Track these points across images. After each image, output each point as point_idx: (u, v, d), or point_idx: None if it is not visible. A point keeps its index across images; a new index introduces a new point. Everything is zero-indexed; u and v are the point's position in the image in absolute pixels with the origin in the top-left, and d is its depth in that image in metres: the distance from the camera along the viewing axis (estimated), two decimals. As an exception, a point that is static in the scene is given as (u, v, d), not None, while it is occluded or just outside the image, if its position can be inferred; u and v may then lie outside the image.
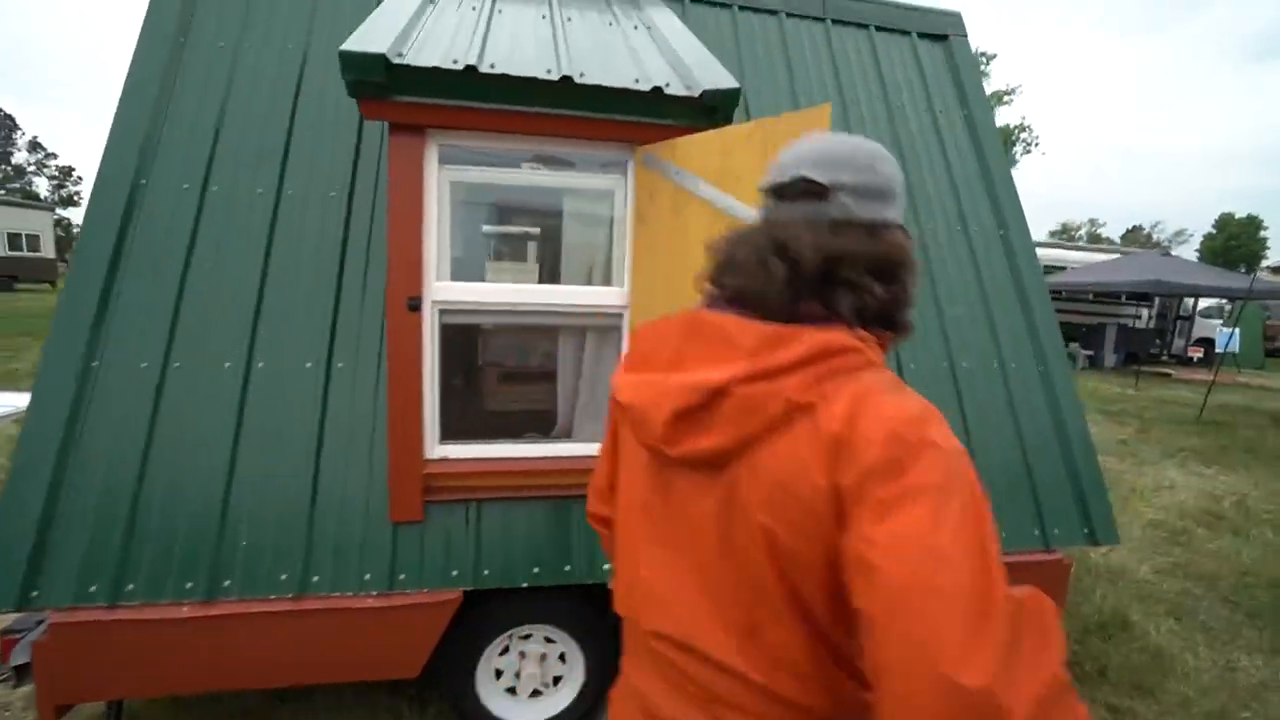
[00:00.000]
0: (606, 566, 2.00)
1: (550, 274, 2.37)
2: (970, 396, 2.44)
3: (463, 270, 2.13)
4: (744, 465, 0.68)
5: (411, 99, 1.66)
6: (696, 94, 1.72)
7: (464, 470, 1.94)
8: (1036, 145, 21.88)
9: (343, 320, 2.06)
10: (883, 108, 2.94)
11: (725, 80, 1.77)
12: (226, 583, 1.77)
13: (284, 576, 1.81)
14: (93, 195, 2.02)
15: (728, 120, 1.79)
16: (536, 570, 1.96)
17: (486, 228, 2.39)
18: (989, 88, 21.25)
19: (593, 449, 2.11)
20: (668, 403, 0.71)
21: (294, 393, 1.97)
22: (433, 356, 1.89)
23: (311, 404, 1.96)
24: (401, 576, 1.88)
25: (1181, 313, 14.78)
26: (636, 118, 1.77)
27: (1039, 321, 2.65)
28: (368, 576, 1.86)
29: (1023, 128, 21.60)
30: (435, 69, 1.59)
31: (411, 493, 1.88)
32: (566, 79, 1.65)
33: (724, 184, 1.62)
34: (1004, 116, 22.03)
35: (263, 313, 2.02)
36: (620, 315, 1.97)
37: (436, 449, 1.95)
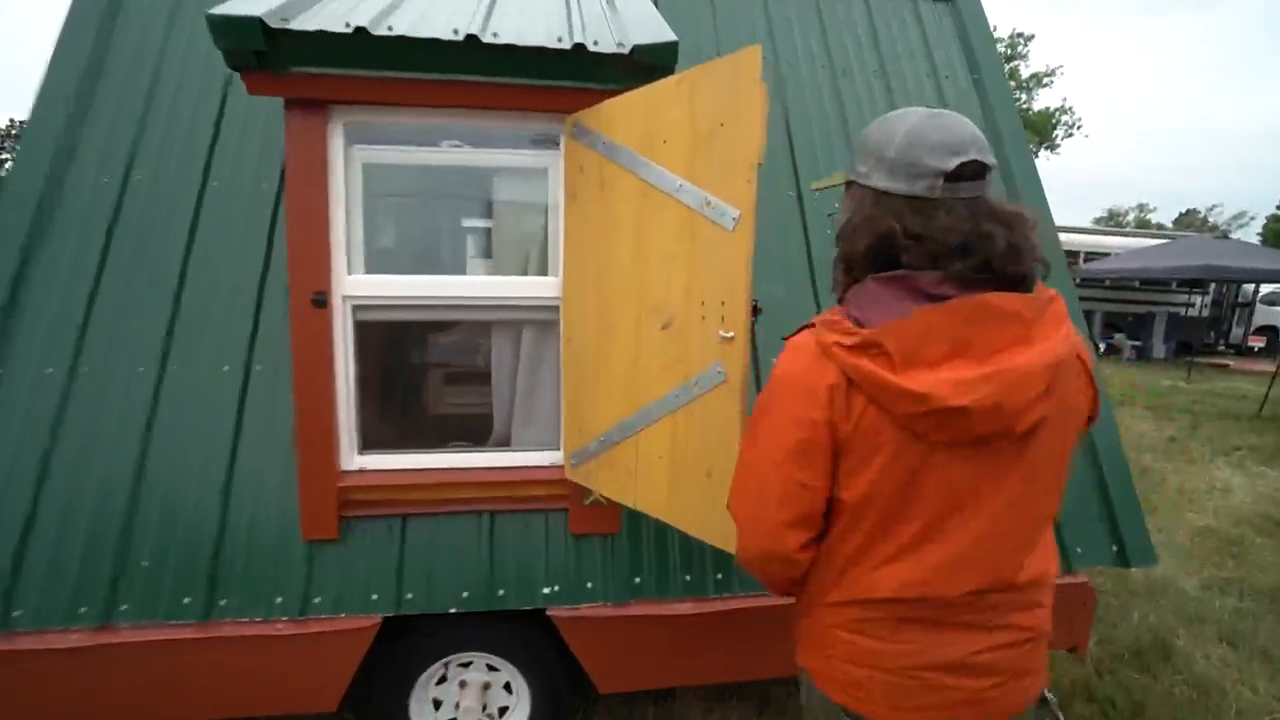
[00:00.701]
0: (546, 590, 1.79)
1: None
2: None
3: (418, 262, 1.96)
4: (1051, 413, 0.84)
5: (301, 70, 1.48)
6: (627, 50, 1.49)
7: (385, 483, 1.76)
8: (1079, 128, 20.69)
9: (265, 320, 1.90)
10: (879, 77, 2.65)
11: (661, 33, 1.54)
12: (124, 606, 1.63)
13: (187, 600, 1.65)
14: (4, 192, 1.91)
15: (666, 80, 1.56)
16: (466, 595, 1.76)
17: (467, 221, 2.20)
18: (1026, 71, 20.23)
19: (531, 458, 1.92)
20: (1032, 387, 0.80)
21: (209, 399, 1.82)
22: (346, 358, 1.71)
23: (227, 411, 1.81)
24: (316, 600, 1.70)
25: (1240, 299, 13.76)
26: (561, 82, 1.56)
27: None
28: (279, 600, 1.69)
29: (1064, 110, 20.48)
30: (322, 33, 1.40)
31: (325, 508, 1.71)
32: (472, 38, 1.45)
33: (650, 150, 1.39)
34: (1044, 99, 21.01)
35: (180, 313, 1.88)
36: (557, 308, 1.76)
37: (354, 459, 1.77)
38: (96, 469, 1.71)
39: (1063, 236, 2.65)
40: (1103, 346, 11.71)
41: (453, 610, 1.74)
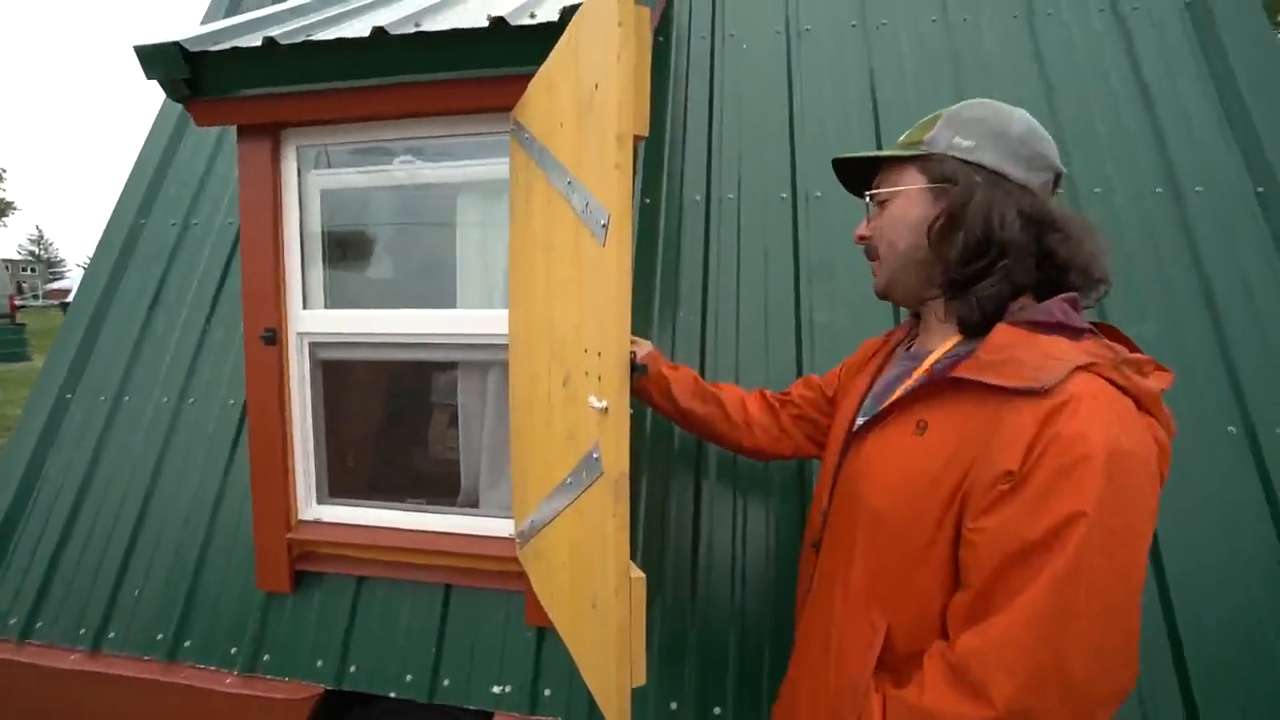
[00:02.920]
0: (496, 690, 1.47)
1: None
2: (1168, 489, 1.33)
3: (403, 297, 1.81)
4: None
5: (235, 94, 1.39)
6: (555, 17, 1.14)
7: (341, 539, 1.59)
8: None
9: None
10: (1019, 16, 1.91)
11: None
12: (112, 634, 1.67)
13: (159, 636, 1.65)
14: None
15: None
16: (409, 678, 1.51)
17: (435, 250, 2.03)
18: None
19: (493, 526, 1.61)
20: None
21: (209, 431, 1.83)
22: (304, 399, 1.59)
23: (223, 445, 1.81)
24: (266, 657, 1.59)
25: None
26: (485, 70, 1.26)
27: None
28: (234, 650, 1.61)
29: None
30: (235, 50, 1.29)
31: (277, 558, 1.59)
32: (379, 31, 1.22)
33: (550, 137, 1.02)
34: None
35: (203, 349, 1.95)
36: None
37: (312, 508, 1.63)
38: (116, 492, 1.81)
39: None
40: None
41: (391, 694, 1.50)
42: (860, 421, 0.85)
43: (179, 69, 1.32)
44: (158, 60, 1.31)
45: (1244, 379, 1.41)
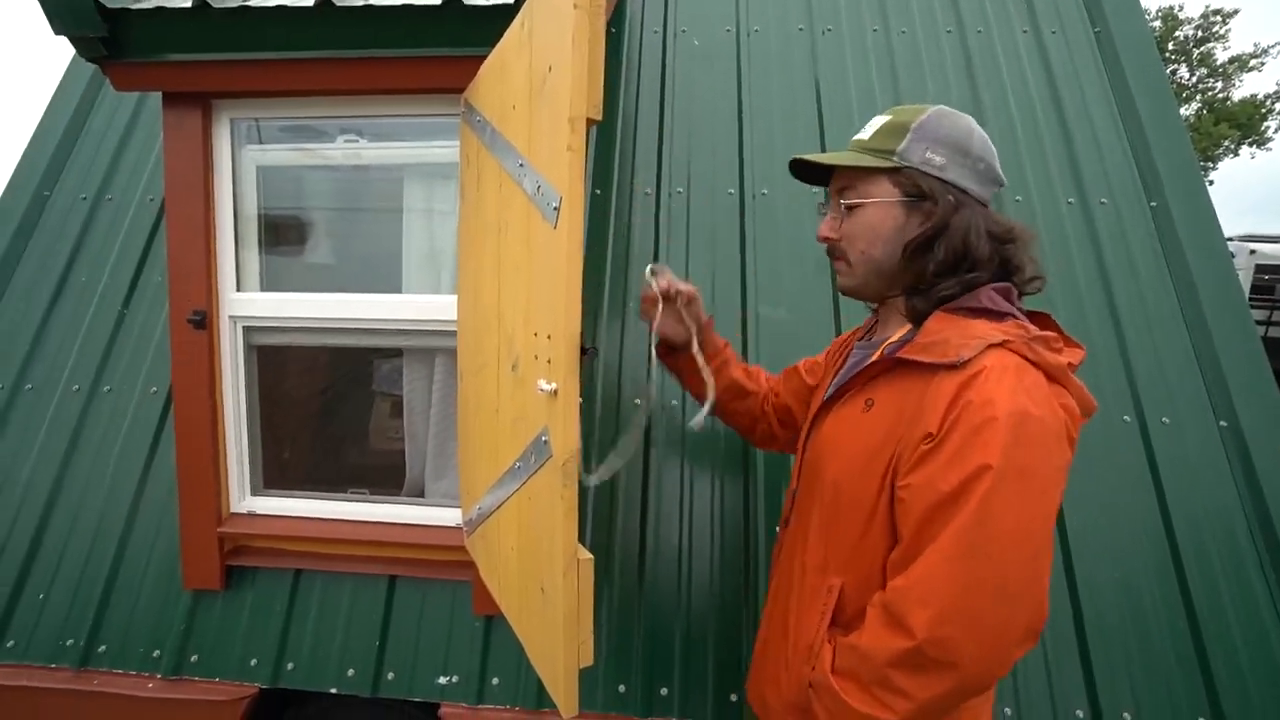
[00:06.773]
0: (443, 680, 1.45)
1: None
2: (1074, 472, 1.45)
3: (344, 281, 1.75)
4: None
5: (160, 57, 1.30)
6: None
7: (276, 531, 1.53)
8: (1299, 117, 16.34)
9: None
10: (953, 31, 2.02)
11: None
12: (11, 643, 1.54)
13: (69, 642, 1.53)
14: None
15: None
16: (351, 673, 1.47)
17: (382, 233, 1.96)
18: (1224, 54, 16.44)
19: (438, 515, 1.59)
20: None
21: (127, 421, 1.71)
22: (237, 386, 1.51)
23: (143, 436, 1.70)
24: (193, 658, 1.51)
25: None
26: (438, 49, 1.23)
27: (1223, 345, 1.56)
28: (157, 654, 1.51)
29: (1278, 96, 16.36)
30: (160, 10, 1.21)
31: (206, 554, 1.51)
32: (326, 4, 1.18)
33: (503, 121, 1.01)
34: (1252, 85, 17.01)
35: (121, 331, 1.82)
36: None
37: (245, 501, 1.56)
38: (14, 488, 1.67)
39: (1266, 248, 1.82)
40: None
41: (332, 690, 1.46)
42: (822, 402, 0.91)
43: (94, 25, 1.22)
44: (67, 14, 1.21)
45: (1137, 375, 1.55)
